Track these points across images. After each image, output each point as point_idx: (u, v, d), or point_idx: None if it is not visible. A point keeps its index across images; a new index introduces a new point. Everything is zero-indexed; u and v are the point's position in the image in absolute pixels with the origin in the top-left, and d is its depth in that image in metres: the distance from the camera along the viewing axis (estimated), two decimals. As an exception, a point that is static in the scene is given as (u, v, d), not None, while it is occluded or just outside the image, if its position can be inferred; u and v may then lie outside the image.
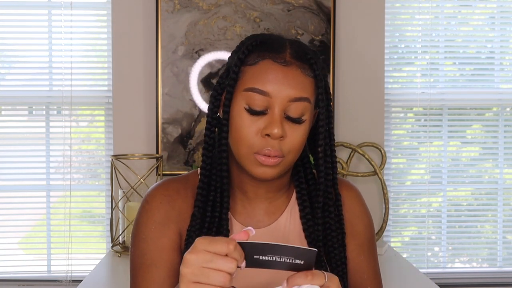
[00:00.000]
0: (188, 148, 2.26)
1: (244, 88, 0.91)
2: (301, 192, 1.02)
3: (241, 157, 0.92)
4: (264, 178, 0.92)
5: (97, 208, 2.45)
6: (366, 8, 2.35)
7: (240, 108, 0.91)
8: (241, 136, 0.91)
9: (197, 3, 2.25)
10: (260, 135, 0.89)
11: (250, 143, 0.90)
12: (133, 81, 2.31)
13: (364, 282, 1.06)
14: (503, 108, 2.52)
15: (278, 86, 0.89)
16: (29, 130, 2.47)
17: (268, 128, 0.88)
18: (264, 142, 0.89)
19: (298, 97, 0.90)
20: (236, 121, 0.92)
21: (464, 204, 2.57)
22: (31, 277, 2.39)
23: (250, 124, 0.90)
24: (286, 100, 0.90)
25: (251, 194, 1.01)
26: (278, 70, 0.90)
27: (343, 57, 2.34)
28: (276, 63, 0.91)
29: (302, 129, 0.92)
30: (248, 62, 0.93)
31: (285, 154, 0.91)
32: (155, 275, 0.97)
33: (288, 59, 0.92)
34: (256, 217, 1.02)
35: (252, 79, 0.91)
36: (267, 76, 0.90)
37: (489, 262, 2.56)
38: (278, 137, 0.89)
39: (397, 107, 2.47)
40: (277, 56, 0.92)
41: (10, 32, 2.41)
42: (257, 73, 0.91)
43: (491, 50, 2.53)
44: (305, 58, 0.94)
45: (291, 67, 0.91)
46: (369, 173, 2.21)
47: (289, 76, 0.90)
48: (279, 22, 2.27)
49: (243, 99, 0.91)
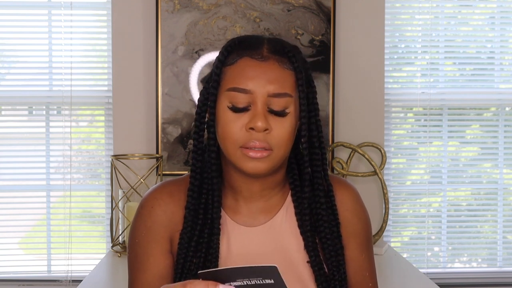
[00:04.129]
0: (188, 148, 2.26)
1: (226, 89, 0.94)
2: (296, 189, 1.03)
3: (229, 154, 0.94)
4: (255, 172, 0.93)
5: (97, 208, 2.45)
6: (366, 8, 2.35)
7: (224, 107, 0.94)
8: (226, 133, 0.93)
9: (197, 3, 2.25)
10: (245, 130, 0.91)
11: (235, 138, 0.92)
12: (133, 81, 2.31)
13: (366, 279, 1.07)
14: (502, 108, 2.52)
15: (258, 82, 0.91)
16: (29, 130, 2.47)
17: (252, 121, 0.91)
18: (248, 135, 0.91)
19: (277, 93, 0.92)
20: (221, 119, 0.94)
21: (464, 204, 2.57)
22: (31, 277, 2.39)
23: (234, 120, 0.92)
24: (266, 95, 0.92)
25: (246, 193, 1.01)
26: (256, 66, 0.93)
27: (343, 57, 2.34)
28: (254, 59, 0.93)
29: (287, 121, 0.93)
30: (228, 62, 0.96)
31: (273, 148, 0.92)
32: (144, 278, 1.01)
33: (266, 54, 0.94)
34: (251, 216, 1.03)
35: (232, 79, 0.94)
36: (246, 74, 0.92)
37: (489, 262, 2.56)
38: (262, 130, 0.90)
39: (397, 107, 2.47)
40: (254, 52, 0.94)
41: (10, 32, 2.41)
42: (237, 72, 0.94)
43: (491, 50, 2.53)
44: (282, 51, 0.95)
45: (268, 61, 0.93)
46: (369, 173, 2.21)
47: (268, 71, 0.92)
48: (279, 22, 2.27)
49: (226, 99, 0.93)
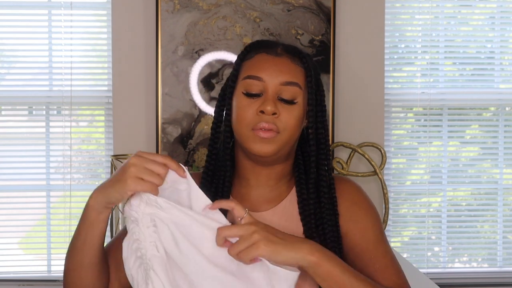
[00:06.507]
0: (188, 148, 2.26)
1: (242, 77, 1.05)
2: (300, 181, 1.08)
3: (241, 135, 1.03)
4: (262, 153, 1.01)
5: (97, 208, 2.45)
6: (366, 8, 2.35)
7: (239, 94, 1.04)
8: (240, 116, 1.02)
9: (197, 3, 2.25)
10: (256, 113, 1.01)
11: (247, 121, 1.01)
12: (133, 81, 2.31)
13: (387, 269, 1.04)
14: (503, 108, 2.52)
15: (270, 72, 1.02)
16: (29, 130, 2.47)
17: (262, 106, 1.00)
18: (258, 118, 1.01)
19: (289, 81, 1.02)
20: (236, 105, 1.04)
21: (464, 204, 2.57)
22: (31, 277, 2.39)
23: (248, 105, 1.02)
24: (278, 84, 1.02)
25: (253, 182, 1.08)
26: (270, 60, 1.04)
27: (343, 57, 2.34)
28: (269, 54, 1.05)
29: (295, 110, 1.03)
30: (246, 58, 1.07)
31: (280, 130, 1.01)
32: None
33: (280, 52, 1.06)
34: (257, 203, 1.08)
35: (248, 69, 1.05)
36: (261, 65, 1.04)
37: (489, 262, 2.56)
38: (271, 113, 1.00)
39: (397, 107, 2.47)
40: (270, 50, 1.06)
41: (10, 32, 2.41)
42: (252, 64, 1.05)
43: (491, 50, 2.53)
44: (295, 52, 1.07)
45: (282, 57, 1.05)
46: (369, 173, 2.21)
47: (280, 65, 1.04)
48: (279, 22, 2.27)
49: (241, 87, 1.04)
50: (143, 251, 0.89)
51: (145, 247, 0.89)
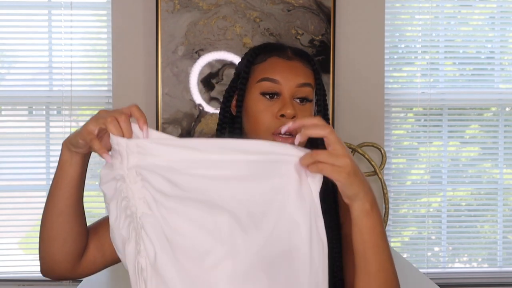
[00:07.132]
0: (188, 148, 2.26)
1: (257, 80, 1.07)
2: None
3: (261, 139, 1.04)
4: None
5: (97, 208, 2.45)
6: (366, 8, 2.35)
7: (254, 97, 1.06)
8: (259, 120, 1.04)
9: (197, 3, 2.25)
10: (275, 118, 1.03)
11: (267, 126, 1.03)
12: (133, 81, 2.31)
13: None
14: (503, 108, 2.52)
15: (286, 75, 1.06)
16: (29, 130, 2.47)
17: (282, 109, 1.03)
18: (279, 122, 1.02)
19: (304, 83, 1.06)
20: (252, 110, 1.06)
21: (464, 204, 2.57)
22: (31, 277, 2.39)
23: (265, 109, 1.04)
24: (294, 86, 1.05)
25: None
26: (283, 63, 1.08)
27: (343, 57, 2.34)
28: (281, 58, 1.09)
29: (309, 108, 1.07)
30: (256, 61, 1.10)
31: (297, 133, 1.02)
32: None
33: (290, 55, 1.10)
34: None
35: (263, 72, 1.07)
36: (276, 68, 1.07)
37: (489, 262, 2.56)
38: (291, 116, 1.02)
39: (397, 107, 2.47)
40: (281, 53, 1.10)
41: (10, 32, 2.41)
42: (267, 67, 1.08)
43: (491, 50, 2.53)
44: (303, 55, 1.12)
45: (294, 61, 1.09)
46: (369, 173, 2.21)
47: (293, 67, 1.07)
48: (279, 22, 2.27)
49: (256, 90, 1.06)
50: (133, 208, 0.85)
51: (135, 205, 0.85)
